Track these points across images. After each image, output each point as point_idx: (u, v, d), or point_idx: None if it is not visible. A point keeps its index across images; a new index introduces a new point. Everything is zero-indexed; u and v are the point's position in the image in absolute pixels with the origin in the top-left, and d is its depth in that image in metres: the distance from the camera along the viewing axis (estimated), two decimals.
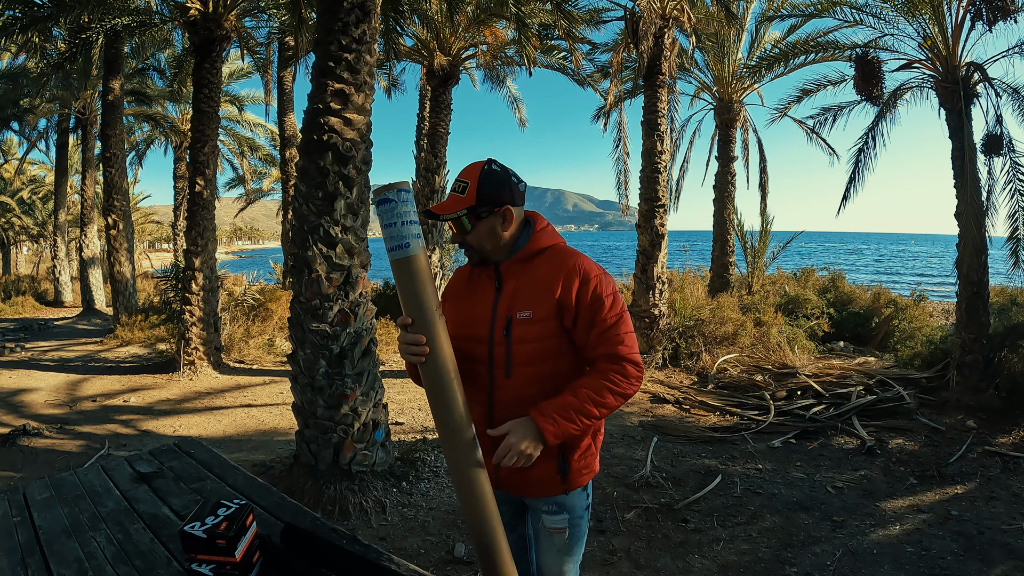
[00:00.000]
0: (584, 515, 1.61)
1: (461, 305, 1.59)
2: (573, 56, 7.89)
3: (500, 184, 1.49)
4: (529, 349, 1.47)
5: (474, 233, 1.49)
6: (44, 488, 1.77)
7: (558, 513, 1.57)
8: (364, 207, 3.80)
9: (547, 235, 1.55)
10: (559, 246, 1.55)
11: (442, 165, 9.79)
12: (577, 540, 1.62)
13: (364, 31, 3.67)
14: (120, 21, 7.38)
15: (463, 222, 1.47)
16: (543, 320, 1.46)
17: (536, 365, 1.49)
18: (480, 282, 1.58)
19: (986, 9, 4.92)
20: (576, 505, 1.58)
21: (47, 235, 24.11)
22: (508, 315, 1.48)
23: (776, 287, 10.15)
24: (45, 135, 15.91)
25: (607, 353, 1.46)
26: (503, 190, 1.49)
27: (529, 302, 1.47)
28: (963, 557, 2.95)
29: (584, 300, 1.46)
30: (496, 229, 1.50)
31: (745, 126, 11.90)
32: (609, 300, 1.48)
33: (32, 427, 5.06)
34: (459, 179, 1.49)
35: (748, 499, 3.64)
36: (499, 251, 1.52)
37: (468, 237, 1.50)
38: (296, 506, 1.67)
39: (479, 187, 1.47)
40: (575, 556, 1.64)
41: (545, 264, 1.51)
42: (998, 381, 5.01)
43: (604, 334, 1.46)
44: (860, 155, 6.12)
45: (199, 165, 7.19)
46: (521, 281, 1.51)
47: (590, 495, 1.63)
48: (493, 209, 1.48)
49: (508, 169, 1.52)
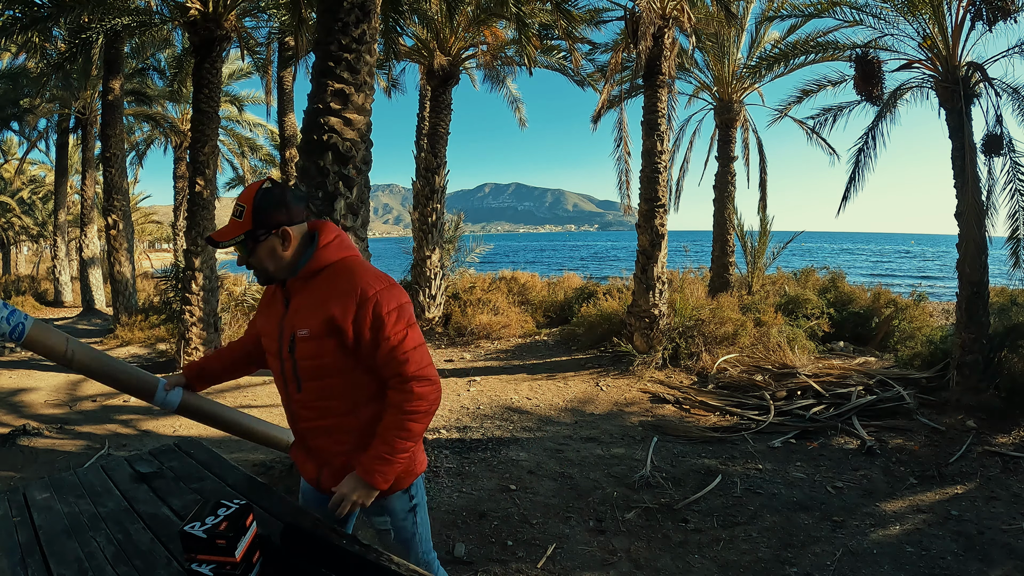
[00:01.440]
0: (408, 516, 1.66)
1: (263, 320, 1.67)
2: (573, 56, 7.90)
3: (276, 205, 1.49)
4: (311, 365, 1.51)
5: (256, 256, 1.51)
6: (44, 488, 1.77)
7: (380, 515, 1.64)
8: (364, 207, 3.80)
9: (331, 250, 1.54)
10: (344, 262, 1.54)
11: (442, 165, 9.79)
12: (407, 539, 1.67)
13: (364, 31, 3.68)
14: (120, 21, 7.38)
15: (243, 247, 1.50)
16: (319, 338, 1.48)
17: (322, 380, 1.52)
18: (275, 298, 1.63)
19: (986, 9, 4.92)
20: (397, 508, 1.64)
21: (47, 235, 24.12)
22: (292, 332, 1.52)
23: (776, 287, 10.15)
24: (45, 135, 15.91)
25: (394, 374, 1.48)
26: (279, 211, 1.49)
27: (306, 320, 1.50)
28: (963, 557, 2.95)
29: (363, 322, 1.46)
30: (276, 250, 1.51)
31: (745, 126, 11.90)
32: (391, 318, 1.47)
33: (32, 427, 5.06)
34: (237, 203, 1.50)
35: (748, 499, 3.64)
36: (282, 270, 1.53)
37: (250, 260, 1.52)
38: (296, 506, 1.67)
39: (255, 210, 1.47)
40: (415, 551, 1.69)
41: (325, 282, 1.52)
42: (998, 381, 5.01)
43: (389, 355, 1.47)
44: (860, 155, 6.12)
45: (199, 165, 7.19)
46: (303, 298, 1.53)
47: (415, 496, 1.67)
48: (271, 231, 1.49)
49: (286, 187, 1.53)
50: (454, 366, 7.42)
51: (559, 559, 2.96)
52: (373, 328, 1.46)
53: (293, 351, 1.52)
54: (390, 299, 1.49)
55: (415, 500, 1.67)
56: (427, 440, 4.63)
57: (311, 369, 1.52)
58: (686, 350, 6.99)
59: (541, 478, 3.97)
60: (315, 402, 1.55)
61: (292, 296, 1.56)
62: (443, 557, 2.97)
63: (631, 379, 6.54)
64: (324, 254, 1.54)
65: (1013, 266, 5.40)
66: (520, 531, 3.24)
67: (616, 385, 6.37)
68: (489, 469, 4.12)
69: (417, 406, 1.48)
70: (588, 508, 3.53)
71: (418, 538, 1.70)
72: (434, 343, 8.85)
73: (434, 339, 9.08)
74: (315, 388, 1.53)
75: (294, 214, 1.52)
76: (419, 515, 1.69)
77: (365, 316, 1.46)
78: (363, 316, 1.46)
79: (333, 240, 1.56)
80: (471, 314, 9.23)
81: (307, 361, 1.51)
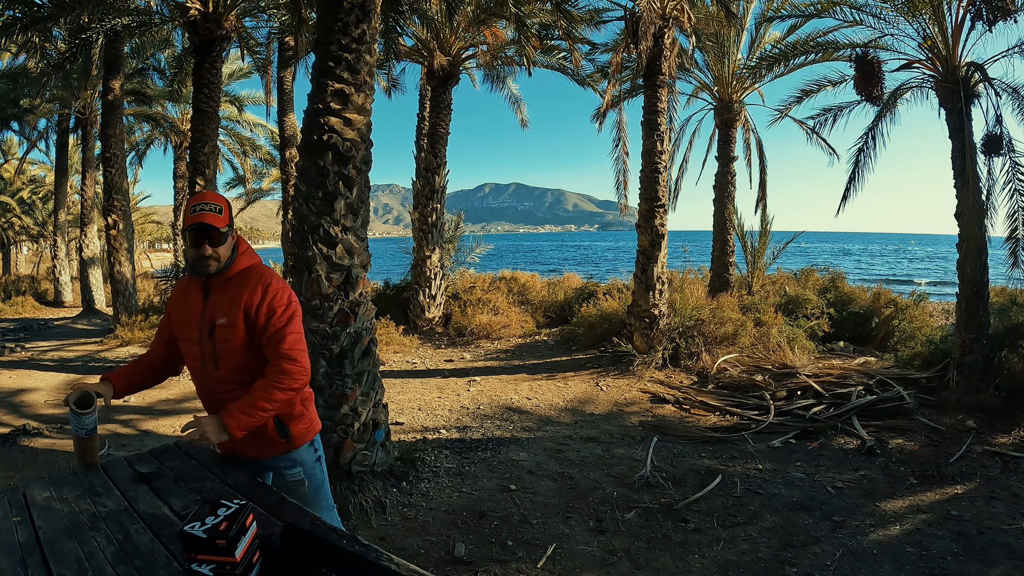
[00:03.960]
0: (316, 465, 2.03)
1: (178, 314, 1.97)
2: (573, 56, 7.89)
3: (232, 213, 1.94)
4: (228, 347, 1.87)
5: (223, 247, 1.85)
6: (44, 488, 1.77)
7: (293, 468, 1.98)
8: (364, 207, 3.80)
9: (247, 257, 1.93)
10: (255, 266, 1.94)
11: (442, 165, 9.79)
12: (318, 488, 2.03)
13: (364, 31, 3.67)
14: (120, 21, 7.38)
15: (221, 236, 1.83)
16: (234, 325, 1.85)
17: (235, 358, 1.88)
18: (189, 295, 1.95)
19: (986, 9, 4.92)
20: (306, 459, 2.00)
21: (47, 235, 24.11)
22: (211, 321, 1.87)
23: (776, 287, 10.14)
24: (45, 135, 15.91)
25: (273, 353, 1.85)
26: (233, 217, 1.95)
27: (225, 311, 1.86)
28: (963, 557, 2.95)
29: (261, 310, 1.86)
30: (229, 246, 1.89)
31: (745, 126, 11.89)
32: (281, 308, 1.87)
33: (32, 427, 5.06)
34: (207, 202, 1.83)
35: (748, 499, 3.64)
36: (222, 265, 1.87)
37: (220, 248, 1.84)
38: (296, 506, 1.66)
39: (228, 212, 1.89)
40: (323, 504, 2.04)
41: (241, 280, 1.90)
42: (998, 381, 5.01)
43: (272, 337, 1.85)
44: (860, 155, 6.12)
45: (199, 165, 7.19)
46: (222, 293, 1.88)
47: (318, 448, 2.07)
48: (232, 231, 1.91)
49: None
50: (454, 366, 7.42)
51: (559, 559, 2.96)
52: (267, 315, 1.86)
53: (213, 335, 1.86)
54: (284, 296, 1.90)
55: (318, 452, 2.06)
56: (427, 440, 4.63)
57: (227, 350, 1.87)
58: (686, 350, 6.99)
59: (541, 478, 3.97)
60: (231, 376, 1.89)
61: (212, 291, 1.90)
62: (443, 557, 2.97)
63: (631, 379, 6.54)
64: (243, 258, 1.93)
65: (1012, 266, 5.40)
66: (520, 531, 3.24)
67: (616, 385, 6.37)
68: (489, 469, 4.12)
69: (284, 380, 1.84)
70: (588, 508, 3.53)
71: (326, 485, 2.09)
72: (434, 343, 8.85)
73: (434, 339, 9.08)
74: (228, 366, 1.89)
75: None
76: (323, 465, 2.08)
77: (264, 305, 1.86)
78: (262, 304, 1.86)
79: (248, 249, 1.96)
80: (471, 314, 9.23)
81: (224, 343, 1.87)
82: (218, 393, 1.92)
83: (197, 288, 1.94)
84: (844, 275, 10.66)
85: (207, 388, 1.95)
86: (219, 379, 1.90)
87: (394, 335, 8.37)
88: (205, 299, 1.90)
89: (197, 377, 1.96)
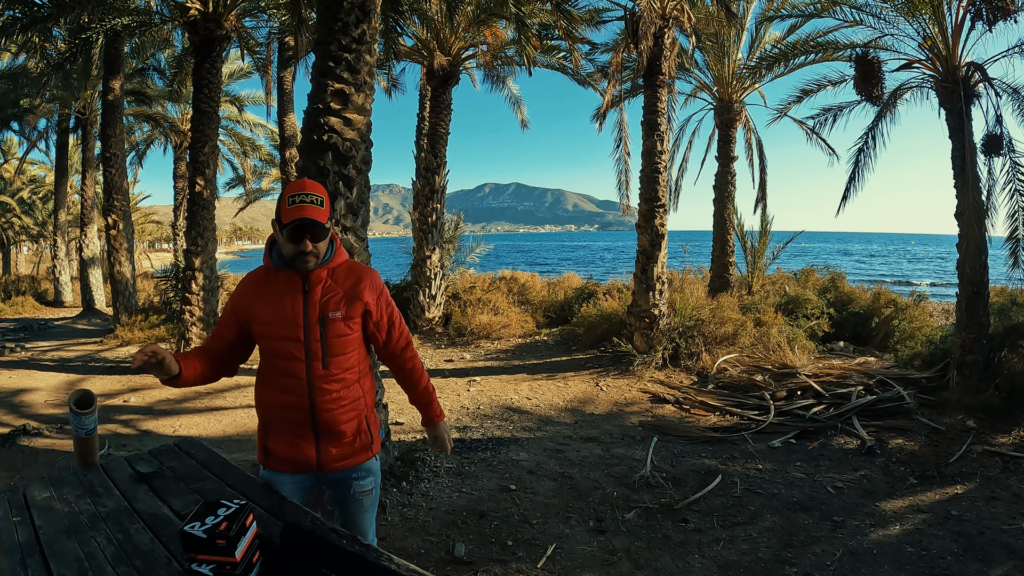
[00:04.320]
0: (380, 475, 1.97)
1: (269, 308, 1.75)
2: (573, 56, 7.90)
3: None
4: (340, 342, 1.77)
5: (324, 242, 1.74)
6: (44, 488, 1.77)
7: (366, 477, 1.87)
8: (364, 207, 3.80)
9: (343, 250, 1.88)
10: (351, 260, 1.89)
11: (442, 165, 9.79)
12: (376, 499, 1.97)
13: (364, 31, 3.67)
14: (120, 21, 7.38)
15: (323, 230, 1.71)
16: (350, 318, 1.77)
17: (345, 353, 1.79)
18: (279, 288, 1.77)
19: (986, 9, 4.92)
20: (375, 468, 1.92)
21: (47, 235, 24.12)
22: (322, 315, 1.74)
23: (776, 287, 10.14)
24: (45, 135, 15.92)
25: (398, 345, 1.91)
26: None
27: (336, 304, 1.76)
28: (963, 557, 2.95)
29: (381, 301, 1.85)
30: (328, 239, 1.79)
31: (746, 126, 11.89)
32: (393, 305, 1.90)
33: (32, 427, 5.06)
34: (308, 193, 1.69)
35: (748, 499, 3.64)
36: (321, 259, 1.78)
37: (320, 244, 1.72)
38: (296, 506, 1.67)
39: (330, 202, 1.79)
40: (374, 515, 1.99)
41: (347, 272, 1.81)
42: (998, 381, 5.01)
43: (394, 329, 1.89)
44: (860, 155, 6.12)
45: (199, 165, 7.19)
46: (329, 287, 1.78)
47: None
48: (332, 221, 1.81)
49: None
50: (454, 366, 7.42)
51: (559, 559, 2.96)
52: (389, 310, 1.88)
53: (324, 330, 1.74)
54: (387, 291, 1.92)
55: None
56: (427, 440, 4.63)
57: (336, 345, 1.76)
58: (686, 350, 6.99)
59: (541, 478, 3.97)
60: (339, 374, 1.78)
61: (313, 285, 1.75)
62: (443, 557, 2.97)
63: (631, 379, 6.54)
64: (342, 252, 1.86)
65: (1013, 266, 5.40)
66: (520, 531, 3.24)
67: (616, 385, 6.37)
68: (489, 469, 4.12)
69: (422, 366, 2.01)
70: (588, 508, 3.53)
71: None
72: (434, 343, 8.85)
73: (434, 339, 9.08)
74: (337, 362, 1.77)
75: None
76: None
77: (385, 301, 1.86)
78: (384, 300, 1.86)
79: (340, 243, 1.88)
80: (471, 314, 9.23)
81: (335, 339, 1.75)
82: (323, 394, 1.75)
83: (291, 282, 1.75)
84: (844, 275, 10.65)
85: (308, 389, 1.74)
86: (326, 378, 1.75)
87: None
88: (306, 294, 1.74)
89: (292, 379, 1.74)
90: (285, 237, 1.69)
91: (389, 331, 1.87)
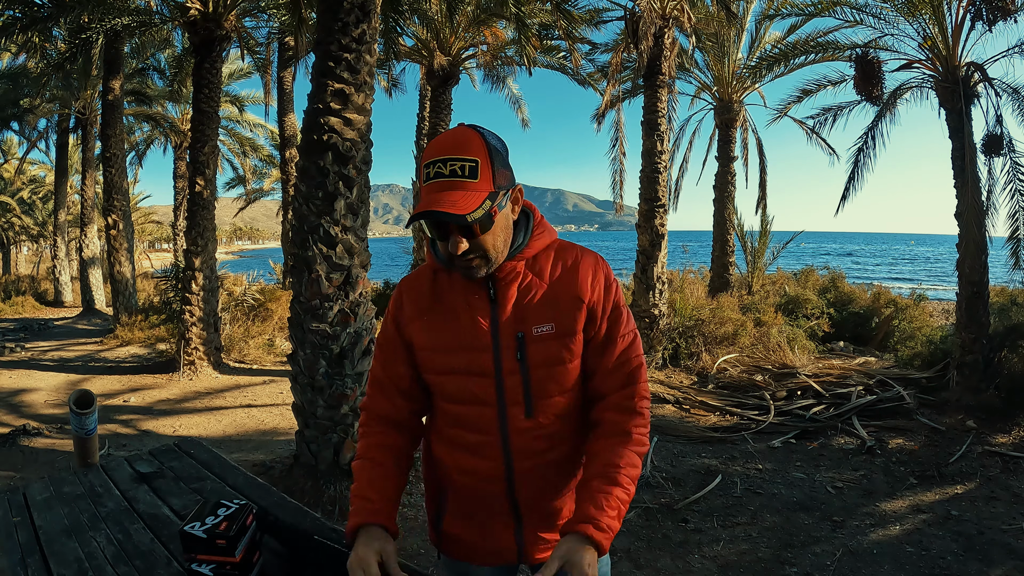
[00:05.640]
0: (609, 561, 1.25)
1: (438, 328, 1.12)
2: (573, 56, 7.90)
3: (505, 155, 1.05)
4: (550, 374, 1.09)
5: (491, 232, 1.01)
6: (44, 488, 1.77)
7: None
8: (364, 207, 3.80)
9: (547, 228, 1.15)
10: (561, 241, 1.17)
11: None
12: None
13: (364, 31, 3.68)
14: (120, 21, 7.37)
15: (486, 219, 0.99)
16: (565, 334, 1.08)
17: (562, 394, 1.11)
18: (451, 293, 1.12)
19: (986, 9, 4.92)
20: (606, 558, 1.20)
21: (47, 235, 24.12)
22: (517, 332, 1.08)
23: (776, 287, 10.15)
24: (45, 135, 15.92)
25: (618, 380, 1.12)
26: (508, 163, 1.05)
27: (541, 311, 1.08)
28: (963, 557, 2.95)
29: (606, 310, 1.11)
30: (508, 220, 1.06)
31: (745, 126, 11.91)
32: (625, 311, 1.14)
33: (32, 427, 5.06)
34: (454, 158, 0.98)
35: (748, 499, 3.64)
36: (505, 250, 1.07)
37: (484, 238, 1.01)
38: (296, 506, 1.66)
39: (492, 165, 1.00)
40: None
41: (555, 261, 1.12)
42: (998, 381, 5.01)
43: (623, 357, 1.11)
44: (860, 155, 6.13)
45: (199, 165, 7.19)
46: (525, 285, 1.10)
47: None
48: (508, 191, 1.04)
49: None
50: None
51: None
52: (611, 320, 1.11)
53: (524, 357, 1.08)
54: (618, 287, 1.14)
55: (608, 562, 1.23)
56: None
57: (548, 380, 1.10)
58: (686, 350, 6.99)
59: None
60: (552, 426, 1.12)
61: (502, 285, 1.09)
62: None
63: None
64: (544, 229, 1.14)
65: (1014, 267, 5.40)
66: None
67: None
68: None
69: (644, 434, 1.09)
70: None
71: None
72: None
73: None
74: (549, 407, 1.11)
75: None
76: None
77: (609, 302, 1.11)
78: (608, 301, 1.11)
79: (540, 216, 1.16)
80: None
81: (543, 369, 1.09)
82: (528, 457, 1.12)
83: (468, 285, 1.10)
84: (844, 275, 10.66)
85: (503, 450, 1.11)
86: (532, 432, 1.11)
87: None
88: (493, 302, 1.09)
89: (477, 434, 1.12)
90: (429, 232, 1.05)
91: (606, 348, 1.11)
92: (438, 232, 1.02)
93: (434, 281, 1.15)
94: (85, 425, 1.86)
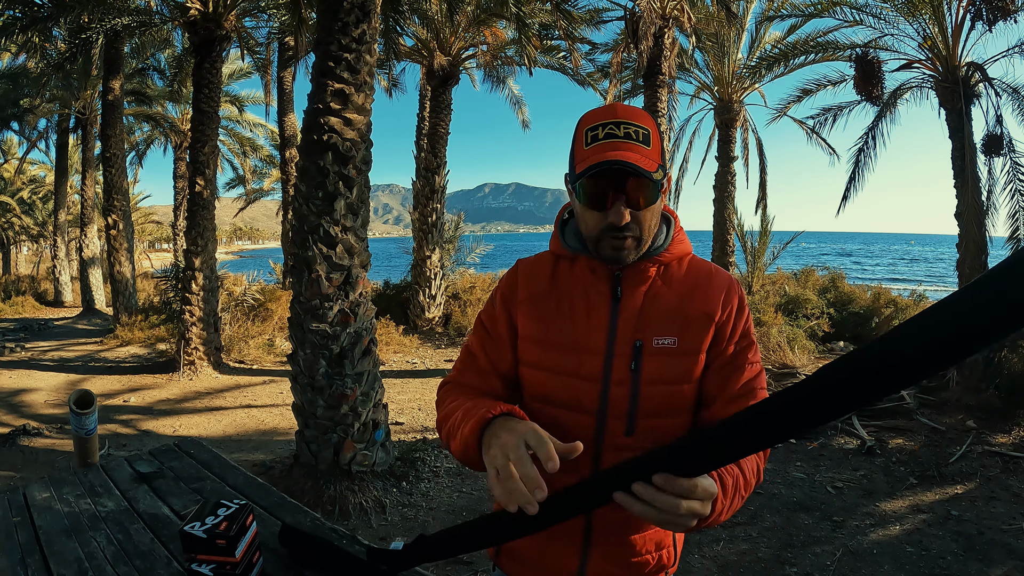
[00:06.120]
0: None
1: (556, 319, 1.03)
2: (573, 56, 7.91)
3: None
4: (662, 393, 0.99)
5: (650, 211, 0.95)
6: (44, 488, 1.77)
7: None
8: (364, 207, 3.80)
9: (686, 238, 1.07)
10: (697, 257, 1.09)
11: (442, 165, 9.79)
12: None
13: (364, 31, 3.68)
14: (120, 21, 7.38)
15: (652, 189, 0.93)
16: (688, 352, 0.99)
17: (671, 416, 1.01)
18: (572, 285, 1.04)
19: (986, 9, 4.93)
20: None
21: (47, 235, 24.13)
22: (636, 340, 0.99)
23: (776, 287, 10.15)
24: (45, 135, 15.92)
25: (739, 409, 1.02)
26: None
27: (665, 323, 0.99)
28: (963, 557, 2.95)
29: (735, 333, 1.02)
30: (661, 207, 1.00)
31: (745, 126, 11.91)
32: (755, 340, 1.06)
33: (32, 427, 5.06)
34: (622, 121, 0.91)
35: (748, 499, 3.63)
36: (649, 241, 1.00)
37: (646, 213, 0.94)
38: (296, 506, 1.67)
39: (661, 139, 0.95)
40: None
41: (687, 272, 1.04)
42: (998, 381, 5.01)
43: (750, 385, 1.01)
44: (860, 155, 6.14)
45: (199, 165, 7.19)
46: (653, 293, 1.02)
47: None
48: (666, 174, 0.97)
49: None
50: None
51: None
52: (741, 345, 1.03)
53: (638, 368, 0.98)
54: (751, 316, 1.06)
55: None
56: (427, 440, 4.63)
57: (658, 398, 0.99)
58: None
59: None
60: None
61: (629, 285, 1.01)
62: None
63: None
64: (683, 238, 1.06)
65: None
66: None
67: None
68: None
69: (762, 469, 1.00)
70: None
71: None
72: (434, 343, 8.85)
73: (434, 339, 9.08)
74: (653, 429, 1.00)
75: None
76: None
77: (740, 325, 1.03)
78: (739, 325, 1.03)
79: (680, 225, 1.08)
80: (471, 314, 9.23)
81: (656, 386, 0.99)
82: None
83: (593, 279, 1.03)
84: (844, 275, 10.66)
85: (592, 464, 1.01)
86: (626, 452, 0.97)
87: (394, 335, 8.38)
88: (617, 300, 1.01)
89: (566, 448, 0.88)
90: (582, 200, 0.95)
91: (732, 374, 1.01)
92: (597, 199, 0.93)
93: (555, 268, 1.07)
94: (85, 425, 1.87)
